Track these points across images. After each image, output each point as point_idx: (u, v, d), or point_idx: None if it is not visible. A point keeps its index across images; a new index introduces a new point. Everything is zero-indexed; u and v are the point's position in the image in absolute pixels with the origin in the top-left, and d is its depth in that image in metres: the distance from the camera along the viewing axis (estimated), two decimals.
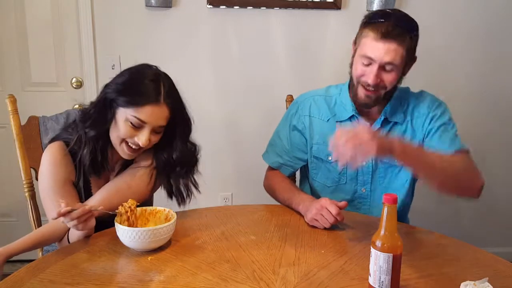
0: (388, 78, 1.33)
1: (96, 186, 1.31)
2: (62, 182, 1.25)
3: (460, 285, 0.90)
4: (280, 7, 2.29)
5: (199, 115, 2.36)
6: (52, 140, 1.31)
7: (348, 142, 1.06)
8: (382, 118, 1.43)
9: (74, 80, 2.35)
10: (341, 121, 1.47)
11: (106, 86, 1.25)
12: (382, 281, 0.91)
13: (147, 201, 1.36)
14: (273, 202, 1.53)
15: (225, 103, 2.38)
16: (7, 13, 2.29)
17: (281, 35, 2.33)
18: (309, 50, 2.35)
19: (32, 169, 1.49)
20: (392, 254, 0.90)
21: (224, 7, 2.26)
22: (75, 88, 2.36)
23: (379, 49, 1.30)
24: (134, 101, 1.19)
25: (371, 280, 0.93)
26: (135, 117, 1.19)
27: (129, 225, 1.14)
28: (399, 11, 1.37)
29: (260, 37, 2.32)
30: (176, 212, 1.19)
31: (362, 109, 1.44)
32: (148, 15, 2.25)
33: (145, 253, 1.10)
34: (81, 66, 2.32)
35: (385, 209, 0.90)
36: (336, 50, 2.33)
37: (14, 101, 1.49)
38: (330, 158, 1.48)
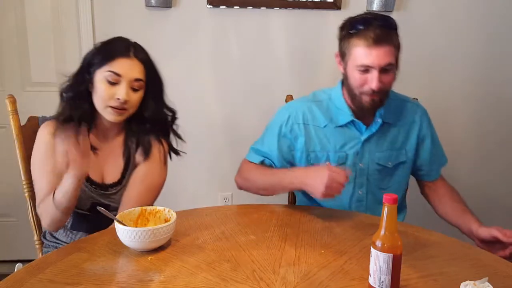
0: (388, 79, 1.36)
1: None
2: (52, 152, 1.30)
3: (460, 285, 0.90)
4: (280, 7, 2.29)
5: (199, 115, 2.39)
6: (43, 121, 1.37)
7: None
8: (380, 121, 1.44)
9: None
10: (341, 126, 1.46)
11: (84, 56, 1.34)
12: (382, 281, 0.91)
13: None
14: (274, 202, 1.53)
15: (225, 103, 2.38)
16: (7, 13, 2.29)
17: (281, 35, 2.33)
18: (309, 50, 2.35)
19: None
20: (392, 254, 0.90)
21: (224, 7, 2.26)
22: None
23: (374, 55, 1.31)
24: (106, 57, 1.29)
25: (371, 280, 0.93)
26: (109, 71, 1.27)
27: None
28: (373, 13, 1.39)
29: (260, 37, 2.32)
30: (176, 212, 1.19)
31: (359, 113, 1.44)
32: (148, 15, 2.25)
33: (145, 253, 1.10)
34: None
35: (385, 209, 0.90)
36: (336, 50, 2.32)
37: (14, 101, 1.49)
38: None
